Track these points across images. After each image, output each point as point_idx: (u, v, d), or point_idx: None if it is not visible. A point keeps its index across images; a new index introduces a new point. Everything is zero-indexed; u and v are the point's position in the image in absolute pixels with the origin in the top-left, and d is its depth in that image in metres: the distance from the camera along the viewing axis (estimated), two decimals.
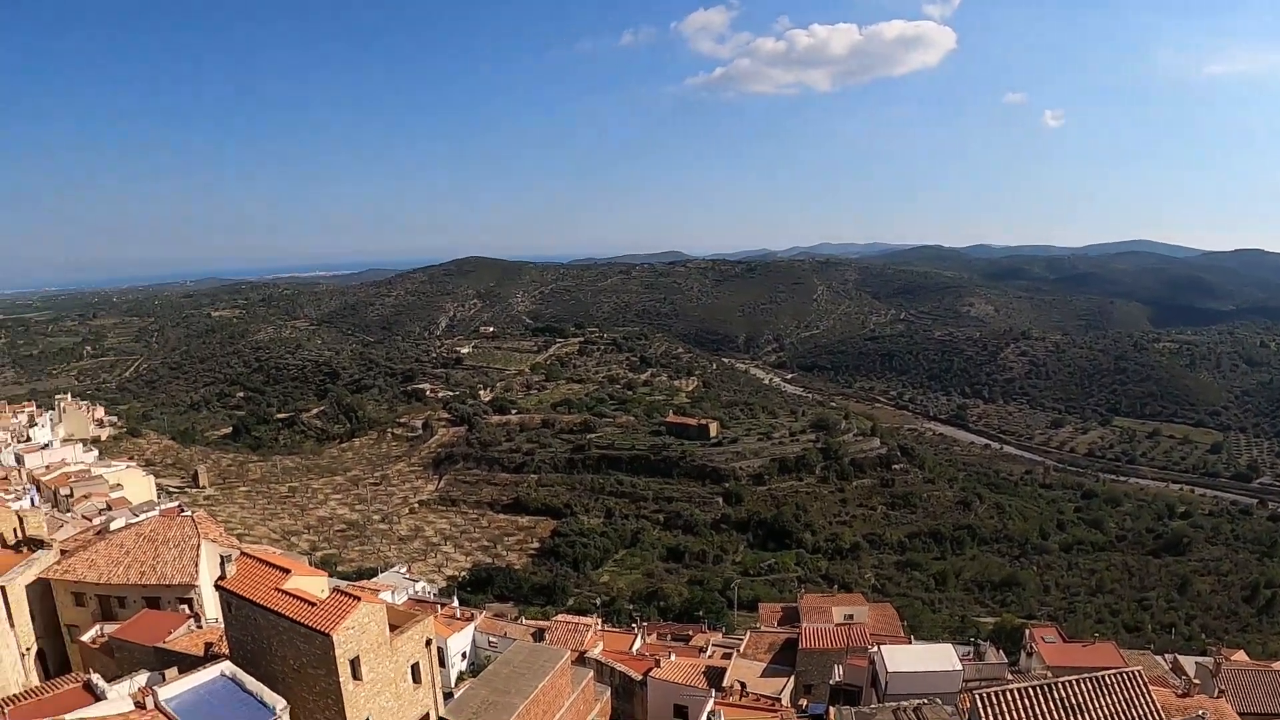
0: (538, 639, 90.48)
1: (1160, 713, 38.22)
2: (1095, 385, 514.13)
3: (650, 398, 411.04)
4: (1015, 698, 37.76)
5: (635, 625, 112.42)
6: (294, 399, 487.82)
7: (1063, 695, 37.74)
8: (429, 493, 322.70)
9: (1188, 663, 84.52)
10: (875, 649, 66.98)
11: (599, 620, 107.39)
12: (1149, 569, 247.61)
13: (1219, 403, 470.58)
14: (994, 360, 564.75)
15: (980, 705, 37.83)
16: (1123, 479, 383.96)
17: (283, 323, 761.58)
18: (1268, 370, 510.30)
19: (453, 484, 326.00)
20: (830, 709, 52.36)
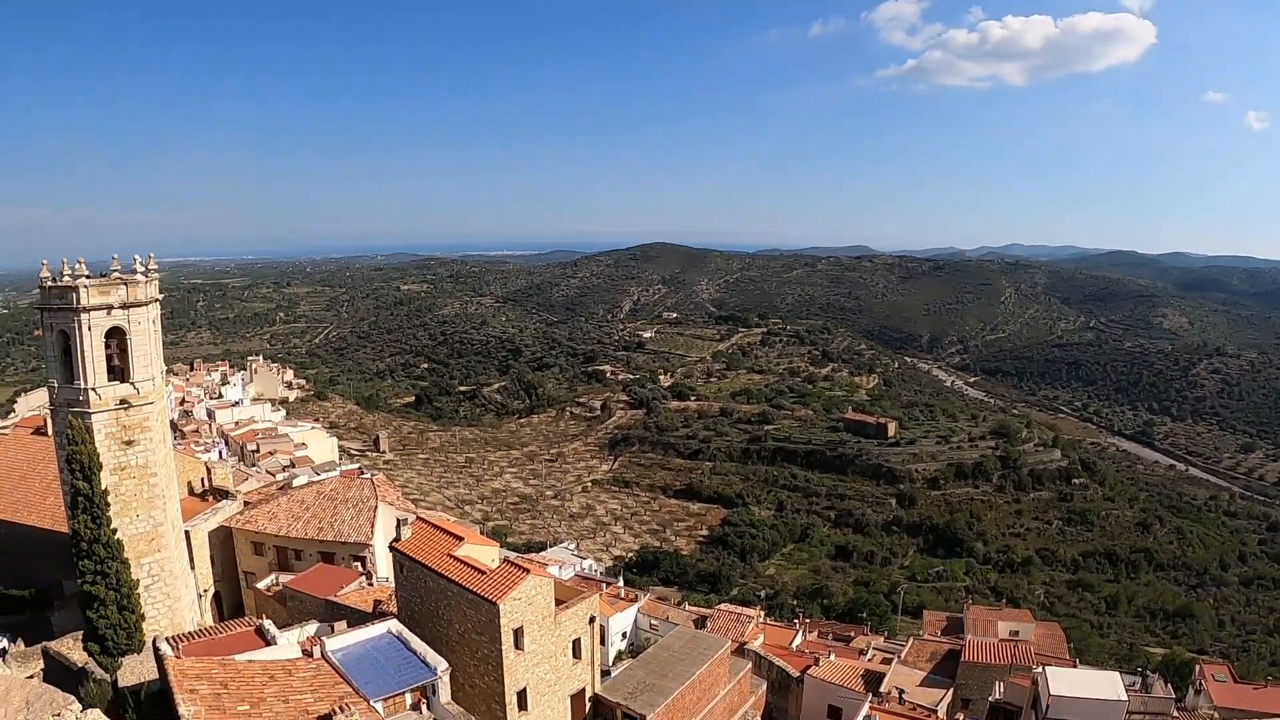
0: (699, 626, 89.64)
1: None
2: None
3: (830, 393, 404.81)
4: None
5: (797, 621, 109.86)
6: (476, 373, 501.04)
7: None
8: (603, 473, 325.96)
9: None
10: (1040, 669, 65.20)
11: (761, 612, 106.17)
12: None
13: None
14: (1185, 376, 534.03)
15: None
16: None
17: (469, 299, 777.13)
18: None
19: (627, 466, 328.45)
20: None
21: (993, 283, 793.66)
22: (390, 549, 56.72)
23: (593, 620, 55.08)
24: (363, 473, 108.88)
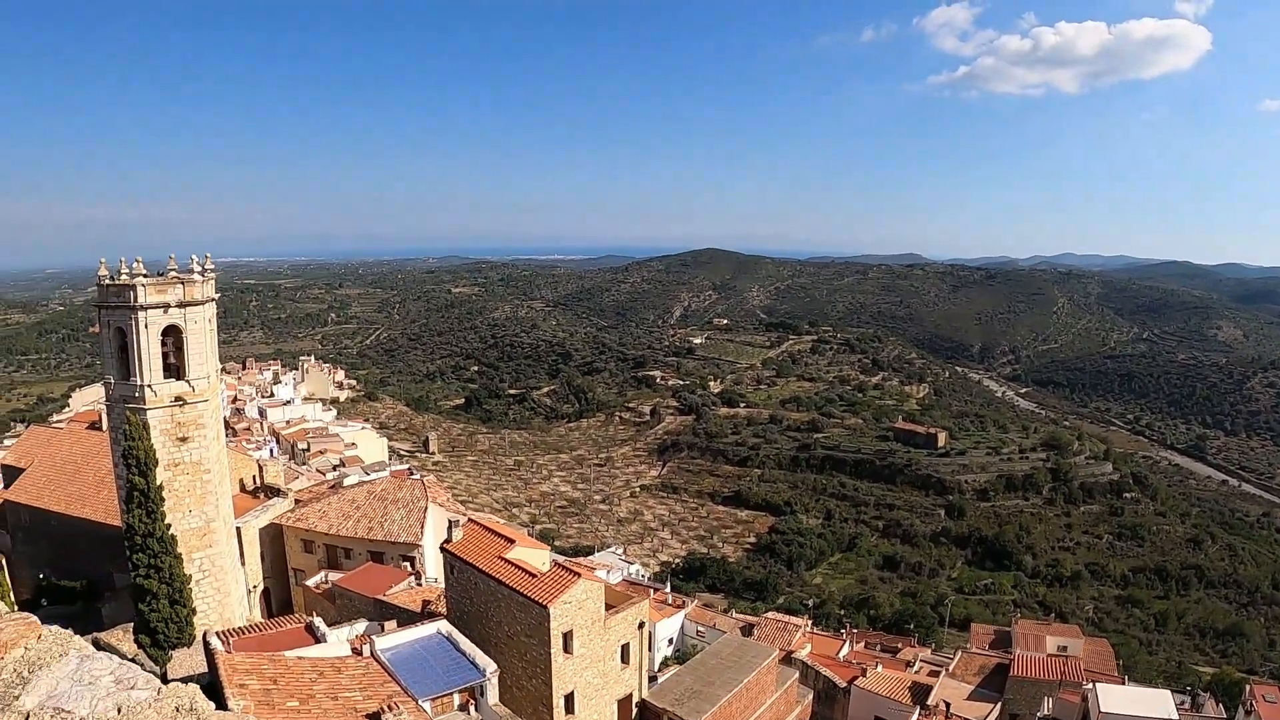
0: (746, 634, 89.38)
1: None
2: None
3: (880, 401, 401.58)
4: None
5: (844, 631, 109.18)
6: (526, 376, 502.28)
7: None
8: (651, 478, 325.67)
9: None
10: (1090, 685, 64.14)
11: (808, 621, 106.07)
12: None
13: None
14: (1239, 390, 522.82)
15: None
16: None
17: (520, 302, 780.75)
18: None
19: (675, 472, 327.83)
20: None
21: (1045, 292, 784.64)
22: (441, 550, 56.94)
23: (641, 626, 54.91)
24: (412, 473, 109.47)
